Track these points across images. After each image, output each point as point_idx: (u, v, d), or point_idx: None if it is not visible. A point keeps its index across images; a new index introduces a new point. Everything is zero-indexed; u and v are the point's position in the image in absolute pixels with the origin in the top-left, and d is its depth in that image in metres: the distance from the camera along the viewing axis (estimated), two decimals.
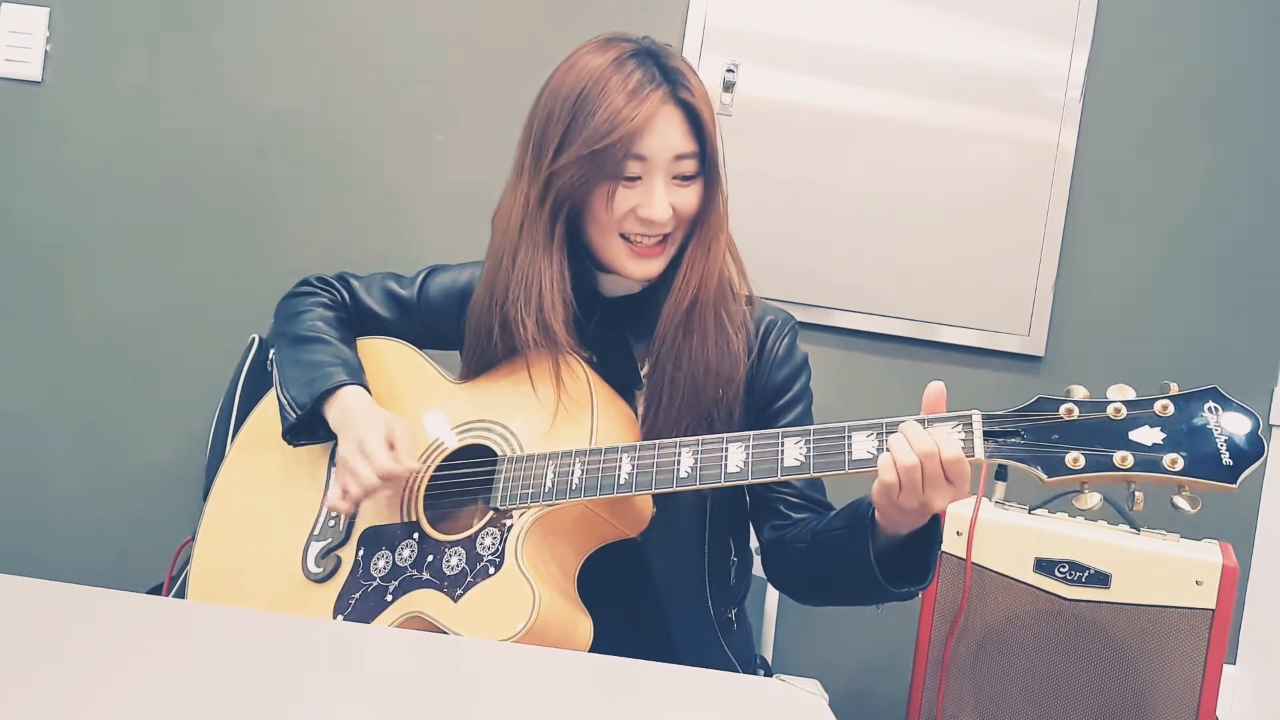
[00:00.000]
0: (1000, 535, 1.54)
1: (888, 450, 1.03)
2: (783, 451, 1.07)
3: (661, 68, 1.18)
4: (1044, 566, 1.52)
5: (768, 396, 1.28)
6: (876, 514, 1.10)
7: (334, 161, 2.03)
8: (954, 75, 1.99)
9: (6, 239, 2.04)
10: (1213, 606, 1.46)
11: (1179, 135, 2.02)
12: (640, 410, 1.24)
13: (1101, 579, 1.50)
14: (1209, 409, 0.96)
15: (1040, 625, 1.52)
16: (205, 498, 1.36)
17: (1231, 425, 0.95)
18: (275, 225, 2.04)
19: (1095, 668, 1.50)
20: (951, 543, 1.56)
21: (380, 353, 1.35)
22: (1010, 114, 1.99)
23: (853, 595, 1.22)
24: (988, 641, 1.55)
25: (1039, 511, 1.60)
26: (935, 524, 1.11)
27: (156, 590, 1.72)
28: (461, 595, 1.11)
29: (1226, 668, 1.73)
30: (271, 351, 1.39)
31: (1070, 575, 1.51)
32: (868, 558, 1.10)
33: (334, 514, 1.25)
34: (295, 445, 1.28)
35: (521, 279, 1.19)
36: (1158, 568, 1.48)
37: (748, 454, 1.08)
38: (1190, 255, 2.03)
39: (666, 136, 1.17)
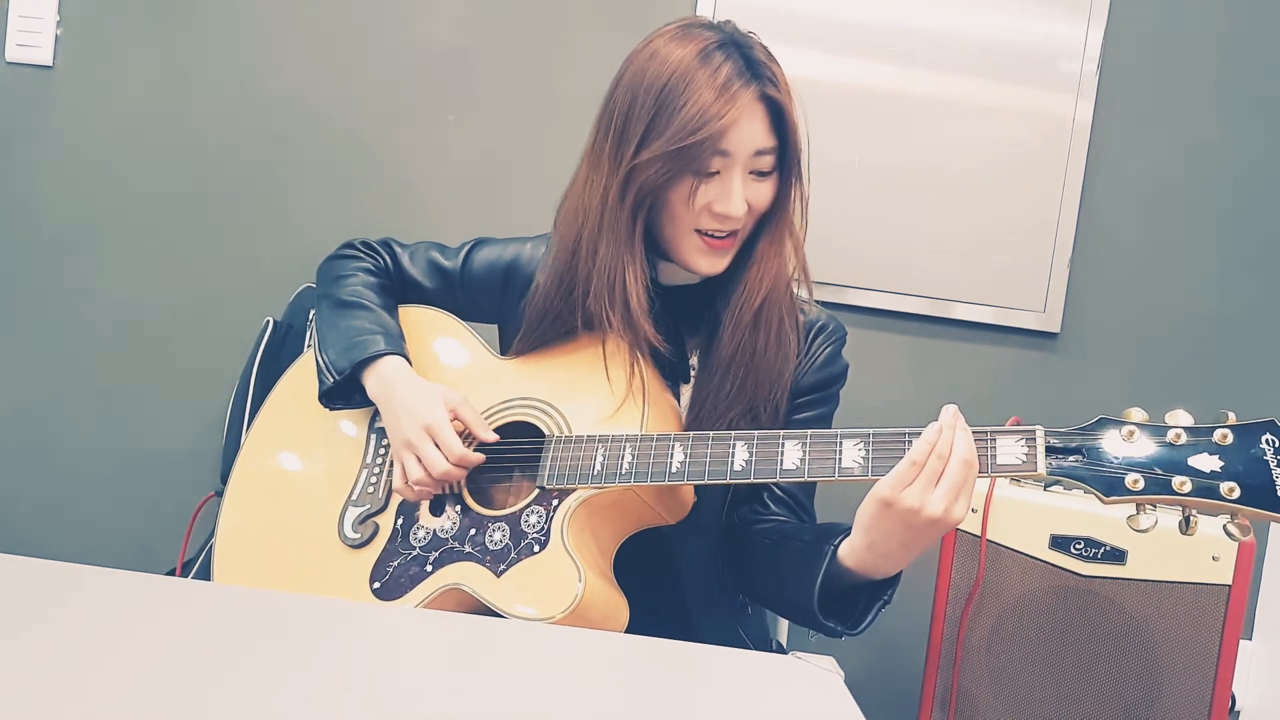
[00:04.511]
0: (1016, 512, 1.54)
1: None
2: (840, 453, 1.07)
3: (748, 60, 1.16)
4: (1059, 543, 1.52)
5: (796, 393, 1.27)
6: (848, 544, 1.09)
7: (348, 143, 2.03)
8: (968, 49, 1.97)
9: (20, 223, 2.05)
10: (1229, 582, 1.45)
11: (1195, 107, 2.00)
12: (686, 401, 1.24)
13: (1118, 555, 1.50)
14: (1266, 440, 0.97)
15: (1056, 602, 1.52)
16: (223, 480, 1.36)
17: None
18: (289, 208, 2.04)
19: (1112, 644, 1.50)
20: (967, 520, 1.56)
21: (422, 322, 1.34)
22: (1025, 88, 1.97)
23: (789, 610, 1.22)
24: (1003, 618, 1.55)
25: (1054, 489, 1.60)
26: (891, 583, 1.11)
27: (174, 574, 1.73)
28: (505, 571, 1.11)
29: (1243, 643, 1.73)
30: (311, 312, 1.38)
31: (1086, 552, 1.51)
32: (814, 578, 1.10)
33: (373, 480, 1.26)
34: (331, 409, 1.28)
35: (605, 272, 1.18)
36: (1174, 544, 1.47)
37: (805, 452, 1.07)
38: (1207, 230, 2.01)
39: (750, 133, 1.15)
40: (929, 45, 1.98)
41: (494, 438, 1.19)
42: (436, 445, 1.18)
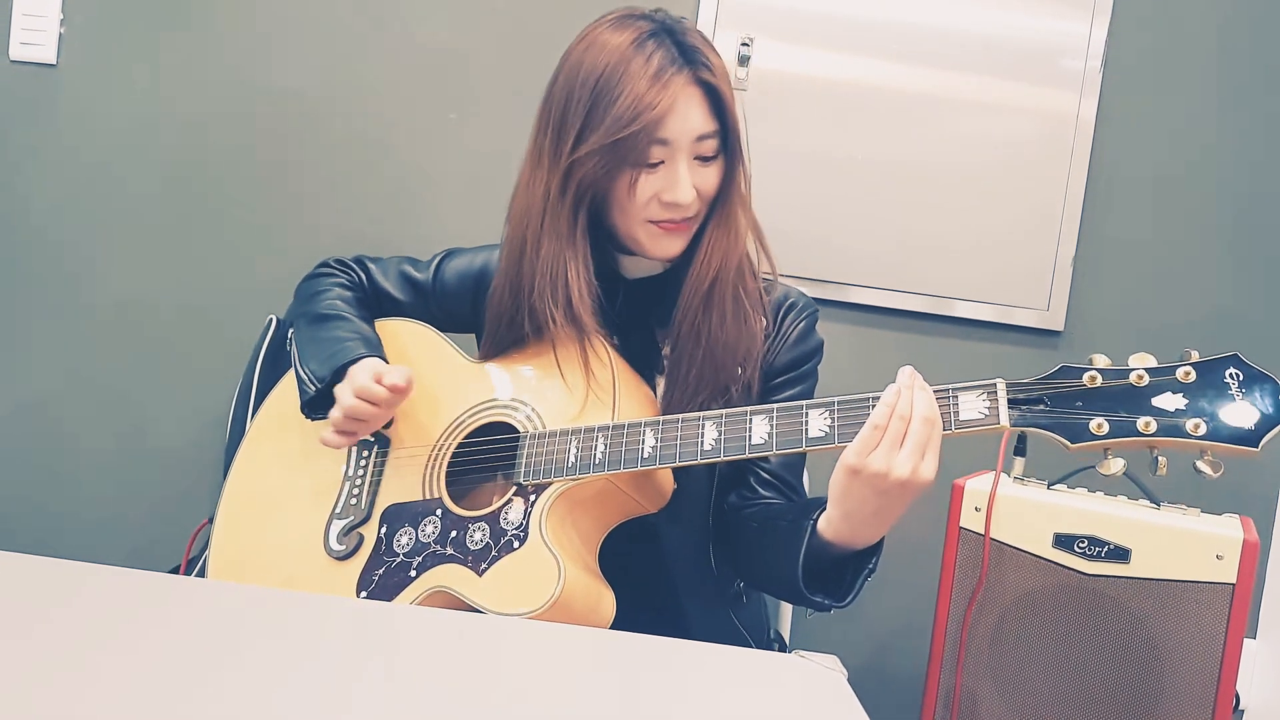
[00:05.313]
0: (1019, 510, 1.54)
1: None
2: (807, 423, 1.06)
3: (680, 46, 1.16)
4: (1063, 542, 1.52)
5: (772, 373, 1.27)
6: (825, 518, 1.09)
7: (350, 142, 2.03)
8: (971, 46, 1.97)
9: (23, 223, 2.05)
10: (1233, 581, 1.45)
11: (1199, 105, 2.00)
12: (660, 390, 1.24)
13: (1121, 554, 1.49)
14: (1230, 375, 0.97)
15: (1059, 600, 1.52)
16: (224, 476, 1.37)
17: (1253, 390, 0.96)
18: (292, 207, 2.04)
19: (1115, 642, 1.50)
20: (970, 518, 1.55)
21: (399, 333, 1.36)
22: (1029, 85, 1.97)
23: (781, 590, 1.22)
24: (1006, 617, 1.55)
25: (1058, 486, 1.59)
26: (874, 552, 1.11)
27: (176, 572, 1.73)
28: (486, 569, 1.11)
29: (1247, 641, 1.73)
30: (290, 331, 1.40)
31: (1090, 550, 1.50)
32: (797, 556, 1.10)
33: (355, 492, 1.26)
34: (313, 419, 1.29)
35: (547, 271, 1.19)
36: (1178, 542, 1.47)
37: (772, 426, 1.07)
38: (1211, 227, 2.01)
39: (688, 119, 1.15)
40: (931, 42, 1.97)
41: (398, 381, 1.19)
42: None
